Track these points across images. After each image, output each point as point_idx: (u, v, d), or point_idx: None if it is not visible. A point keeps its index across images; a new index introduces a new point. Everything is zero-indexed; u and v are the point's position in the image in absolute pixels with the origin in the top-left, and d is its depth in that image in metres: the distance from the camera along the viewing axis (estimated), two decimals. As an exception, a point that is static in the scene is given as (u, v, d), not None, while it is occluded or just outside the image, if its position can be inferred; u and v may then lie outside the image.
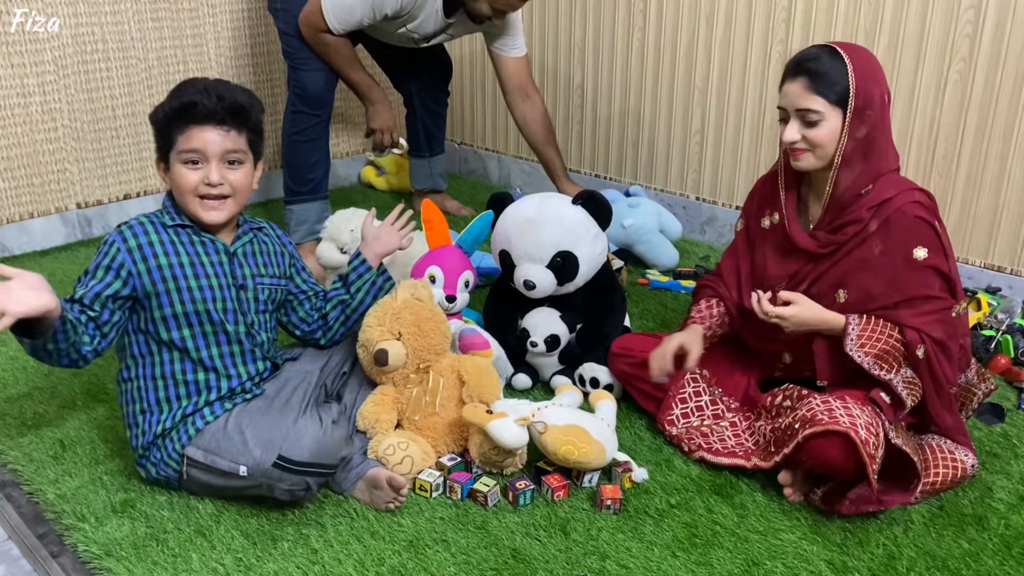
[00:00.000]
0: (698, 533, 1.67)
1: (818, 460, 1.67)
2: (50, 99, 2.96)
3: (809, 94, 1.71)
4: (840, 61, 1.70)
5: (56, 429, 1.99)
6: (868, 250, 1.75)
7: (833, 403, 1.68)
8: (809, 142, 1.74)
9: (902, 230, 1.72)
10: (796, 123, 1.74)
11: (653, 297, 2.69)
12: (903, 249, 1.72)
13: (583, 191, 2.14)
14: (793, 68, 1.75)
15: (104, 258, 1.69)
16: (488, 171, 3.87)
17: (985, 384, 1.93)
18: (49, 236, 3.07)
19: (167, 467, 1.72)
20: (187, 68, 3.23)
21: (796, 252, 1.85)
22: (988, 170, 2.46)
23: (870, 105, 1.70)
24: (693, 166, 3.13)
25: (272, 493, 1.66)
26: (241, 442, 1.65)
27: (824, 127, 1.72)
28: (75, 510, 1.71)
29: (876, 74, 1.74)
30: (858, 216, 1.74)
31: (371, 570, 1.57)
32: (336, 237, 2.31)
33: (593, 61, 3.31)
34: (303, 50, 2.76)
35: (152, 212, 1.77)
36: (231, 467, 1.65)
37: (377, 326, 1.83)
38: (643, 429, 2.00)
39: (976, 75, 2.42)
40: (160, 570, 1.56)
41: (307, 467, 1.62)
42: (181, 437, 1.70)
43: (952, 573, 1.57)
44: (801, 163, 1.78)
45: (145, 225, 1.73)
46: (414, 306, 1.85)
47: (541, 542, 1.64)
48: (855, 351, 1.72)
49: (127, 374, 1.76)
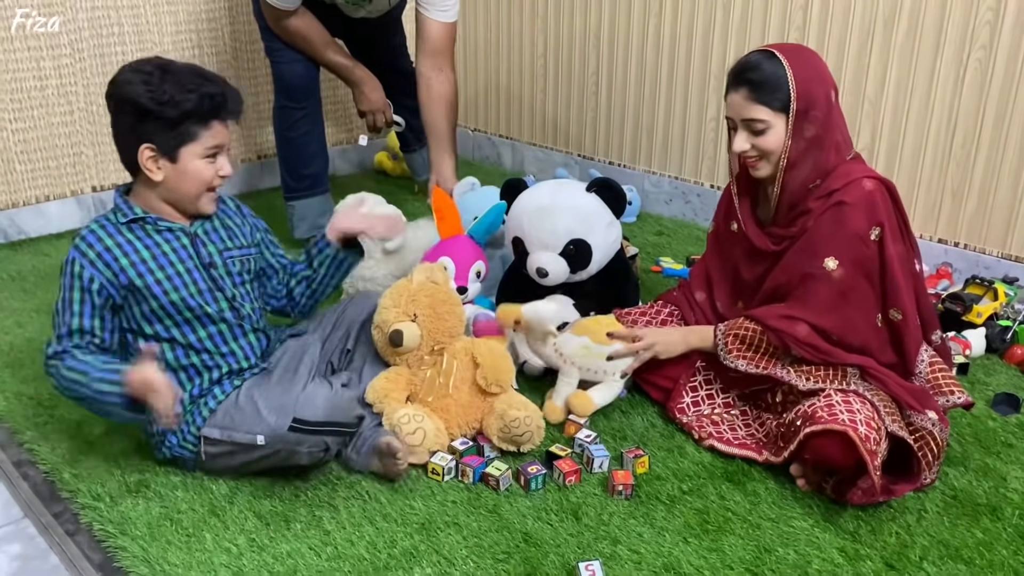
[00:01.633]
0: (710, 520, 1.67)
1: (820, 458, 1.67)
2: (66, 82, 2.97)
3: (752, 104, 1.74)
4: (780, 66, 1.72)
5: (72, 409, 2.00)
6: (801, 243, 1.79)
7: (834, 398, 1.68)
8: (759, 150, 1.77)
9: (833, 219, 1.74)
10: (744, 133, 1.78)
11: (666, 285, 2.68)
12: (818, 252, 1.75)
13: (598, 179, 2.13)
14: (734, 78, 1.77)
15: (73, 281, 1.67)
16: (502, 158, 3.86)
17: (944, 398, 1.78)
18: (65, 219, 3.09)
19: (183, 449, 1.73)
20: (202, 52, 3.23)
21: (758, 254, 1.89)
22: (1007, 160, 2.44)
23: (814, 106, 1.72)
24: (708, 153, 3.11)
25: (292, 461, 1.67)
26: (254, 412, 1.65)
27: (771, 135, 1.75)
28: (90, 489, 1.73)
29: (818, 73, 1.75)
30: (808, 207, 1.78)
31: (383, 552, 1.58)
32: None
33: (608, 48, 3.29)
34: (276, 41, 2.70)
35: (100, 216, 1.74)
36: (248, 438, 1.65)
37: (392, 307, 1.83)
38: (655, 416, 2.00)
39: (996, 63, 2.39)
40: (174, 549, 1.58)
41: (323, 426, 1.63)
42: (196, 419, 1.71)
43: (965, 562, 1.56)
44: (759, 172, 1.81)
45: (97, 232, 1.70)
46: (430, 289, 1.85)
47: (552, 526, 1.65)
48: (726, 358, 1.86)
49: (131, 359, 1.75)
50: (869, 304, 1.77)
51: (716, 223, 2.04)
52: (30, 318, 2.44)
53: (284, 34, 2.67)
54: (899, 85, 2.57)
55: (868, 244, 1.74)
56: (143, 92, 1.62)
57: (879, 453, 1.62)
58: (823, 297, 1.76)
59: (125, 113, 1.65)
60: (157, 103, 1.62)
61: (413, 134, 3.24)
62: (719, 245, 2.02)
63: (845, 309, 1.76)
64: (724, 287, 2.01)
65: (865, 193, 1.73)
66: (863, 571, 1.54)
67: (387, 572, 1.53)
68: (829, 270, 1.74)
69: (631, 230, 3.09)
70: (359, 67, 2.79)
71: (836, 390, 1.71)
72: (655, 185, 3.28)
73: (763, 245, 1.87)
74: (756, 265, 1.91)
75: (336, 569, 1.54)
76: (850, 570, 1.55)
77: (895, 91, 2.58)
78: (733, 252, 1.97)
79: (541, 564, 1.55)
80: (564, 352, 1.98)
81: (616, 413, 1.99)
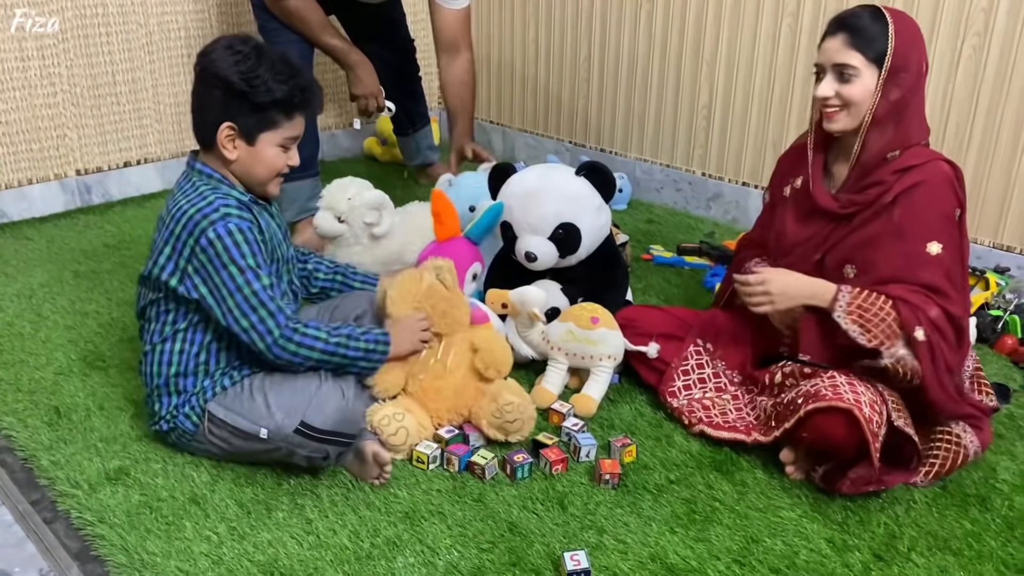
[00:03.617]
0: (697, 509, 1.65)
1: (820, 436, 1.64)
2: (49, 63, 2.92)
3: (847, 49, 1.70)
4: (883, 21, 1.69)
5: (52, 396, 1.97)
6: (887, 221, 1.71)
7: (838, 379, 1.66)
8: (842, 98, 1.71)
9: (923, 200, 1.68)
10: (831, 78, 1.72)
11: (656, 273, 2.66)
12: (920, 235, 1.68)
13: (587, 163, 2.11)
14: (835, 24, 1.73)
15: (249, 248, 1.62)
16: (492, 144, 3.82)
17: (978, 395, 1.80)
18: (49, 203, 3.05)
19: (187, 420, 1.69)
20: (188, 34, 3.19)
21: (816, 215, 1.81)
22: (1000, 148, 2.42)
23: (906, 68, 1.69)
24: (700, 141, 3.08)
25: (290, 458, 1.65)
26: (264, 405, 1.63)
27: (858, 84, 1.70)
28: (69, 477, 1.70)
29: (916, 40, 1.72)
30: (881, 178, 1.71)
31: (366, 541, 1.56)
32: (333, 206, 2.28)
33: (600, 34, 3.25)
34: (272, 21, 2.66)
35: (216, 191, 1.65)
36: (251, 428, 1.63)
37: (402, 303, 1.82)
38: (644, 404, 1.98)
39: (991, 50, 2.37)
40: (153, 538, 1.55)
41: (329, 435, 1.61)
42: (207, 392, 1.69)
43: (953, 553, 1.55)
44: (835, 124, 1.75)
45: (234, 211, 1.64)
46: (439, 292, 1.84)
47: (538, 515, 1.63)
48: (842, 317, 1.68)
49: (179, 335, 1.70)
50: (967, 286, 1.74)
51: (771, 192, 1.96)
52: (11, 302, 2.40)
53: (283, 14, 2.64)
54: (893, 72, 2.55)
55: (955, 226, 1.70)
56: (236, 72, 1.61)
57: (879, 437, 1.60)
58: (940, 281, 1.68)
59: (214, 87, 1.64)
60: (249, 85, 1.61)
61: (408, 117, 3.22)
62: (772, 213, 1.94)
63: (959, 293, 1.71)
64: (775, 255, 1.91)
65: (945, 173, 1.70)
66: (851, 562, 1.53)
67: (369, 562, 1.51)
68: (935, 254, 1.68)
69: (622, 217, 3.07)
70: (355, 51, 2.76)
71: (840, 372, 1.69)
72: (646, 173, 3.25)
73: (827, 204, 1.77)
74: (807, 227, 1.82)
75: (318, 558, 1.51)
76: (838, 561, 1.53)
77: (889, 78, 2.56)
78: (783, 215, 1.88)
79: (526, 553, 1.53)
80: (551, 339, 1.96)
81: (605, 402, 1.97)
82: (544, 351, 2.00)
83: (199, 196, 1.64)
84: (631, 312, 2.07)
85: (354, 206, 2.25)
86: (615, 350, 1.94)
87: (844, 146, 1.79)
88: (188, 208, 1.63)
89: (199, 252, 1.61)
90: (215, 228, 1.60)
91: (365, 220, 2.27)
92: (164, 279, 1.65)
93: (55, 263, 2.66)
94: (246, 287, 1.61)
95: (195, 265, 1.62)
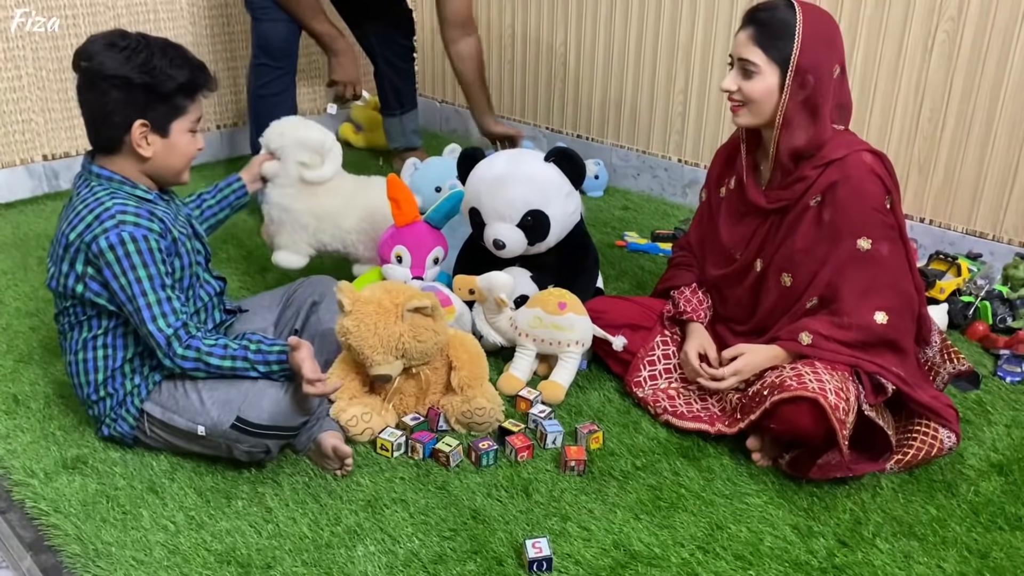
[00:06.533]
0: (662, 496, 1.64)
1: (787, 426, 1.63)
2: (13, 46, 2.86)
3: (751, 45, 1.68)
4: (793, 18, 1.65)
5: (10, 383, 1.93)
6: (818, 225, 1.71)
7: (802, 369, 1.65)
8: (743, 95, 1.70)
9: (849, 197, 1.67)
10: (735, 72, 1.71)
11: (630, 259, 2.64)
12: (852, 233, 1.68)
13: (556, 148, 2.08)
14: (746, 16, 1.71)
15: (141, 258, 1.56)
16: (470, 130, 3.78)
17: (951, 364, 1.84)
18: (14, 188, 2.99)
19: (124, 423, 1.67)
20: (157, 17, 3.13)
21: (749, 214, 1.82)
22: (973, 134, 2.41)
23: (812, 71, 1.65)
24: (676, 127, 3.06)
25: (231, 454, 1.63)
26: (199, 402, 1.61)
27: (759, 81, 1.68)
28: (25, 465, 1.67)
29: (829, 41, 1.68)
30: (804, 174, 1.72)
31: (326, 530, 1.53)
32: (268, 142, 2.14)
33: (576, 18, 3.22)
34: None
35: (114, 196, 1.60)
36: (188, 426, 1.61)
37: (381, 351, 1.71)
38: (612, 391, 1.96)
39: (964, 35, 2.35)
40: (108, 527, 1.52)
41: (266, 430, 1.58)
42: (140, 391, 1.66)
43: (918, 539, 1.54)
44: (739, 119, 1.75)
45: (131, 217, 1.58)
46: (416, 325, 1.73)
47: (502, 503, 1.61)
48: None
49: (97, 342, 1.66)
50: (906, 270, 1.72)
51: (708, 191, 1.96)
52: (-27, 290, 2.36)
53: None
54: (866, 57, 2.53)
55: (887, 214, 1.69)
56: (132, 67, 1.55)
57: (847, 423, 1.59)
58: (873, 278, 1.68)
59: (112, 88, 1.56)
60: (151, 77, 1.56)
61: (397, 98, 3.20)
62: (710, 213, 1.94)
63: (900, 282, 1.70)
64: (712, 257, 1.94)
65: (867, 165, 1.67)
66: (815, 548, 1.52)
67: (329, 550, 1.49)
68: (864, 250, 1.67)
69: (598, 204, 3.05)
70: (342, 39, 2.77)
71: (805, 363, 1.68)
72: (623, 159, 3.23)
73: (757, 199, 1.78)
74: (742, 226, 1.84)
75: (276, 547, 1.49)
76: (802, 547, 1.52)
77: (863, 63, 2.54)
78: (717, 217, 1.90)
79: (488, 541, 1.51)
80: (519, 325, 1.94)
81: (573, 388, 1.95)
82: (512, 337, 1.98)
83: (96, 201, 1.59)
84: (600, 303, 2.05)
85: (285, 144, 2.10)
86: (583, 336, 1.92)
87: (765, 143, 1.79)
88: (85, 214, 1.58)
89: (93, 259, 1.57)
90: (107, 237, 1.55)
91: (298, 159, 2.11)
92: (70, 285, 1.61)
93: (19, 249, 2.61)
94: (140, 297, 1.57)
95: (91, 272, 1.59)
